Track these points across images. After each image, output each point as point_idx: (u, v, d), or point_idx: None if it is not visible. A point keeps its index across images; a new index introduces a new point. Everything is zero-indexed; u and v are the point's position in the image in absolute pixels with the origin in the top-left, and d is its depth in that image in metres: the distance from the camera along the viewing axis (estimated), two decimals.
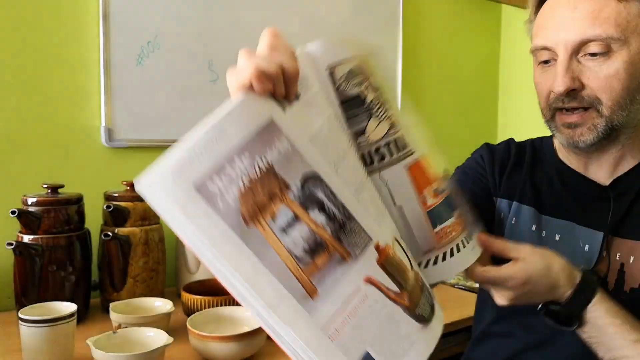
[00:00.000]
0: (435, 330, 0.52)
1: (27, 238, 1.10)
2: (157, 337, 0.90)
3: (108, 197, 1.22)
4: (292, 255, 0.41)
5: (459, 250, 0.58)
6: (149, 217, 1.23)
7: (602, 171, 0.79)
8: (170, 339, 0.88)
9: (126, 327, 0.95)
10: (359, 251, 0.45)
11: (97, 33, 1.36)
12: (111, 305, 1.03)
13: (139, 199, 1.22)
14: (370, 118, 0.54)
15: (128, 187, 1.25)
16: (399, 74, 1.91)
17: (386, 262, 0.48)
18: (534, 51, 0.76)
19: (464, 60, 2.15)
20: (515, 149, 0.90)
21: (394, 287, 0.48)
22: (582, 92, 0.70)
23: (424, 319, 0.50)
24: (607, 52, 0.68)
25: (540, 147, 0.89)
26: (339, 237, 0.44)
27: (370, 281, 0.46)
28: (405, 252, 0.52)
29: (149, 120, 1.44)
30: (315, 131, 0.47)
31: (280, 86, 0.45)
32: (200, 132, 0.39)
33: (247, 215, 0.39)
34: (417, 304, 0.50)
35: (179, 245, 1.34)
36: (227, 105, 0.42)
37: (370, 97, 0.54)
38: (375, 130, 0.54)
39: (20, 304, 1.08)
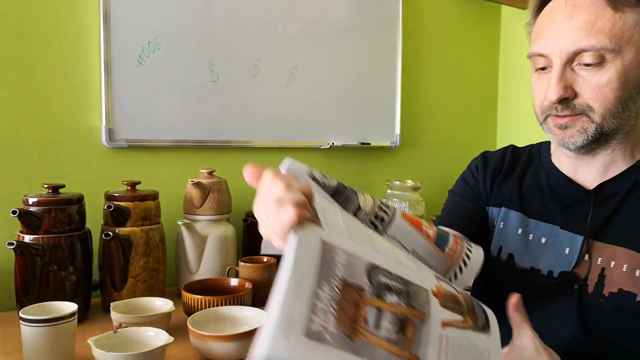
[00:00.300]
0: (495, 328, 0.57)
1: (28, 238, 1.10)
2: (157, 337, 0.90)
3: (109, 197, 1.22)
4: (391, 342, 0.46)
5: (469, 258, 0.66)
6: (150, 217, 1.23)
7: (591, 175, 0.80)
8: (171, 339, 0.88)
9: (127, 327, 0.95)
10: (427, 306, 0.51)
11: (98, 33, 1.37)
12: (112, 304, 1.04)
13: (140, 199, 1.22)
14: (356, 195, 0.62)
15: (128, 187, 1.25)
16: (399, 74, 1.91)
17: (445, 301, 0.53)
18: (531, 57, 0.77)
19: (463, 60, 2.15)
20: (510, 156, 0.93)
21: (459, 317, 0.53)
22: (574, 101, 0.72)
23: (485, 328, 0.56)
24: (600, 63, 0.69)
25: (537, 152, 0.91)
26: (411, 304, 0.50)
27: (446, 324, 0.51)
28: (446, 282, 0.57)
29: (150, 120, 1.45)
30: (344, 229, 0.52)
31: (310, 209, 0.49)
32: (282, 286, 0.43)
33: (349, 332, 0.44)
34: (476, 318, 0.56)
35: (179, 244, 1.35)
36: (290, 248, 0.45)
37: (342, 181, 0.62)
38: (366, 202, 0.62)
39: (21, 304, 1.08)
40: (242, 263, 1.27)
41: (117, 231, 1.18)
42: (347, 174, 1.87)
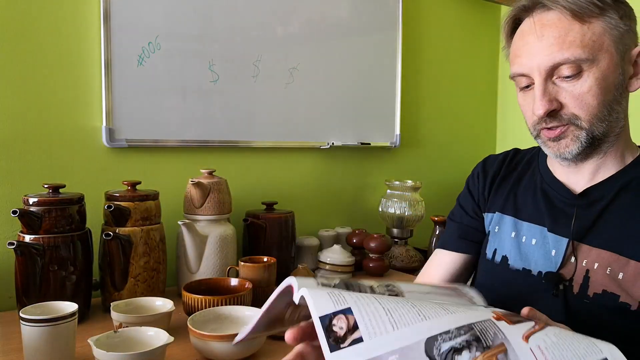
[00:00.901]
0: None
1: (28, 238, 1.10)
2: (157, 337, 0.90)
3: (109, 197, 1.22)
4: None
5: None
6: (150, 217, 1.24)
7: (582, 180, 0.83)
8: (171, 338, 0.88)
9: (127, 327, 0.95)
10: (501, 334, 0.50)
11: (98, 33, 1.37)
12: (112, 304, 1.04)
13: (140, 199, 1.22)
14: (361, 282, 0.61)
15: (129, 187, 1.25)
16: (399, 74, 1.91)
17: (510, 319, 0.53)
18: (513, 78, 0.80)
19: (463, 60, 2.16)
20: (509, 160, 0.96)
21: (531, 323, 0.53)
22: (561, 112, 0.75)
23: None
24: (579, 73, 0.73)
25: (536, 154, 0.94)
26: (486, 345, 0.48)
27: (527, 336, 0.51)
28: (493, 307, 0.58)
29: (150, 121, 1.45)
30: (386, 317, 0.49)
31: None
32: None
33: None
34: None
35: (179, 244, 1.35)
36: None
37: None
38: (371, 282, 0.63)
39: (21, 304, 1.08)
40: (242, 263, 1.27)
41: (117, 231, 1.19)
42: (347, 174, 1.87)
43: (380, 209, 1.80)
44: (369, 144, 1.87)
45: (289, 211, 1.55)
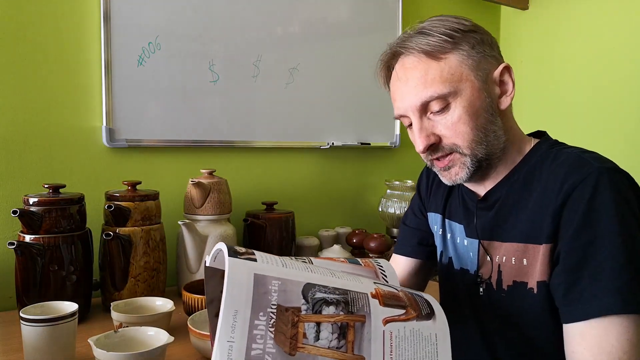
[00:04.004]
0: (439, 312, 0.64)
1: (28, 238, 1.10)
2: (157, 336, 0.90)
3: (109, 197, 1.22)
4: (333, 348, 0.54)
5: (381, 265, 0.75)
6: (150, 217, 1.24)
7: (483, 188, 0.88)
8: (171, 338, 0.88)
9: (127, 327, 0.95)
10: (367, 308, 0.57)
11: (99, 34, 1.37)
12: (112, 304, 1.04)
13: (140, 199, 1.22)
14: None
15: (129, 187, 1.25)
16: None
17: (385, 300, 0.60)
18: (397, 119, 0.87)
19: None
20: None
21: (401, 311, 0.60)
22: (441, 143, 0.80)
23: (430, 315, 0.62)
24: (446, 106, 0.78)
25: None
26: (350, 311, 0.56)
27: (387, 321, 0.58)
28: (387, 285, 0.66)
29: (150, 121, 1.45)
30: (279, 260, 0.59)
31: None
32: (220, 323, 0.49)
33: (289, 349, 0.51)
34: (419, 308, 0.62)
35: (179, 244, 1.35)
36: (224, 287, 0.51)
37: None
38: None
39: (21, 304, 1.08)
40: None
41: (117, 231, 1.19)
42: (347, 174, 1.87)
43: (380, 209, 1.80)
44: (369, 144, 1.87)
45: (289, 211, 1.56)
